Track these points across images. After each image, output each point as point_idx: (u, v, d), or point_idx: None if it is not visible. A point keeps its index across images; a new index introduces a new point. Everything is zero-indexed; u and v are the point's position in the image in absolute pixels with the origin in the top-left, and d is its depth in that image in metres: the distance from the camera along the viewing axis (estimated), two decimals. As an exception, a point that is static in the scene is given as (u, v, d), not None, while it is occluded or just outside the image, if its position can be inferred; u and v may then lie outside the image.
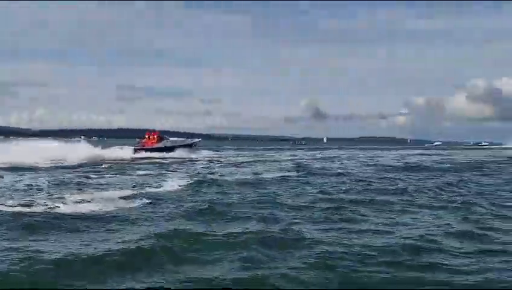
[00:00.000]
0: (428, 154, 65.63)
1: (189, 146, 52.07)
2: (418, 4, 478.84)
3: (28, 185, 18.68)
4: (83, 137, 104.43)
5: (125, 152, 45.95)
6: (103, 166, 31.32)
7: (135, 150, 47.79)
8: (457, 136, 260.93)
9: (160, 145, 49.73)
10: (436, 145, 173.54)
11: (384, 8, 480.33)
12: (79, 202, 13.97)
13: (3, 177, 21.56)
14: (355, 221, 11.74)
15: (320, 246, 8.89)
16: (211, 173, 26.45)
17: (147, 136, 51.42)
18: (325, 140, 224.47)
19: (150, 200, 14.47)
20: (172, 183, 19.88)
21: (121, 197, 15.20)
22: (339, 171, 29.07)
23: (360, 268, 7.64)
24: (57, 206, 12.96)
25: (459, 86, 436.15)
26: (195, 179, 22.02)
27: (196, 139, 57.80)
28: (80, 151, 40.22)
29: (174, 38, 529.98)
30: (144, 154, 46.21)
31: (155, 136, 50.94)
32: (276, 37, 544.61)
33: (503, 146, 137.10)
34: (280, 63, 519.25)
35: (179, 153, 47.20)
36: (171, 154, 46.70)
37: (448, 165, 38.15)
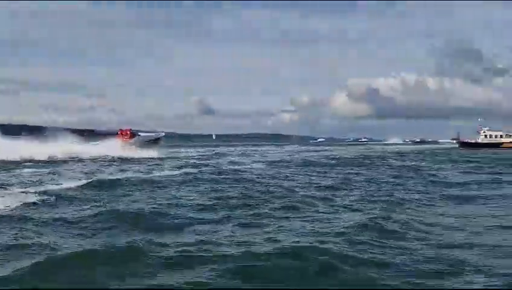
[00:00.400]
0: (317, 150, 68.87)
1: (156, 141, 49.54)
2: (302, 4, 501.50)
3: None
4: None
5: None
6: None
7: None
8: (339, 133, 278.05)
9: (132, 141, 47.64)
10: (319, 141, 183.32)
11: (268, 9, 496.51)
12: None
13: None
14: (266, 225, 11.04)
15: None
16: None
17: (119, 133, 48.53)
18: (213, 136, 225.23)
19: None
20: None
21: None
22: (236, 167, 28.68)
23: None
24: None
25: (340, 86, 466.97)
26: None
27: (162, 133, 53.74)
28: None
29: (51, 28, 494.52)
30: None
31: (128, 133, 48.44)
32: (167, 33, 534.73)
33: (384, 142, 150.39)
34: (169, 60, 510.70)
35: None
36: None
37: (337, 160, 39.96)
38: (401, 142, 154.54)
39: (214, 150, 61.33)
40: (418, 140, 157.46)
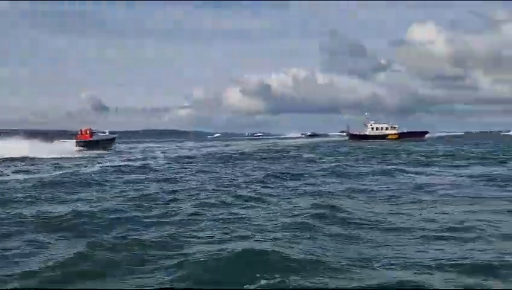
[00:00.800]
0: (216, 146, 69.97)
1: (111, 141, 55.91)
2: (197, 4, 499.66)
3: None
4: None
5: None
6: None
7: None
8: (234, 128, 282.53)
9: (92, 139, 52.99)
10: (216, 136, 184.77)
11: (171, 7, 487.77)
12: None
13: None
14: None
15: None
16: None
17: (80, 132, 54.35)
18: (107, 133, 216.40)
19: None
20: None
21: None
22: (145, 162, 28.63)
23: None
24: None
25: (234, 81, 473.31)
26: None
27: (114, 135, 60.40)
28: None
29: None
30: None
31: (87, 131, 53.77)
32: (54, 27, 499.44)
33: (283, 136, 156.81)
34: (58, 54, 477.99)
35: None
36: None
37: (246, 154, 41.37)
38: (299, 135, 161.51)
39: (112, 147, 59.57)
40: (310, 133, 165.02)
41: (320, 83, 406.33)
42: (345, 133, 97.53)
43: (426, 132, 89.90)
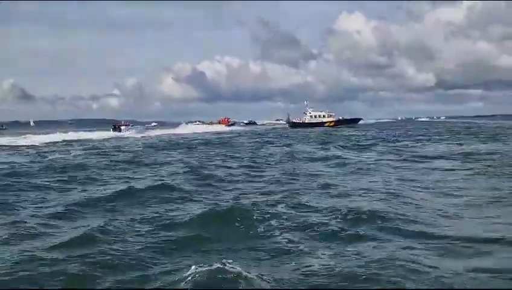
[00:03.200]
0: (163, 133, 71.96)
1: None
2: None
3: None
4: None
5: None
6: None
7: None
8: (168, 117, 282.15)
9: None
10: (153, 125, 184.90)
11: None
12: None
13: None
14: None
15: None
16: None
17: None
18: (32, 123, 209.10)
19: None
20: None
21: None
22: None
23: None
24: None
25: (167, 69, 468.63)
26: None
27: None
28: None
29: None
30: None
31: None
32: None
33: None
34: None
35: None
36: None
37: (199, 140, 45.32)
38: (246, 122, 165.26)
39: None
40: (247, 122, 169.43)
41: (253, 71, 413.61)
42: (281, 121, 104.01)
43: (359, 119, 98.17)
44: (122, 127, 72.36)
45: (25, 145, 40.49)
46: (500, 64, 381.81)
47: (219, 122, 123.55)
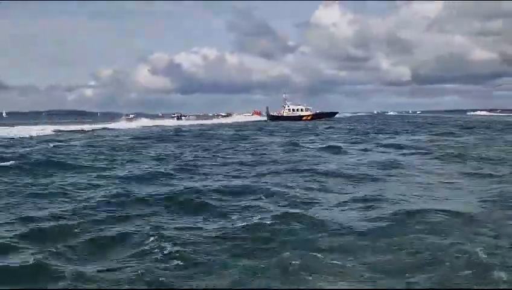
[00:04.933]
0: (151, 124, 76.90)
1: None
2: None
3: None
4: None
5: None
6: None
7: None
8: (146, 108, 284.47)
9: None
10: (132, 117, 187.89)
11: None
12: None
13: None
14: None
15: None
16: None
17: None
18: (4, 114, 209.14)
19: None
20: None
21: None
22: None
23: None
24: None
25: (142, 60, 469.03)
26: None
27: None
28: None
29: None
30: None
31: None
32: None
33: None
34: None
35: None
36: None
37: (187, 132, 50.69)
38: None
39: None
40: (225, 114, 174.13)
41: (231, 63, 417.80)
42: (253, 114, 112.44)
43: (336, 113, 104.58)
44: (183, 117, 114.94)
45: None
46: (475, 59, 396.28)
47: (252, 114, 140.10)
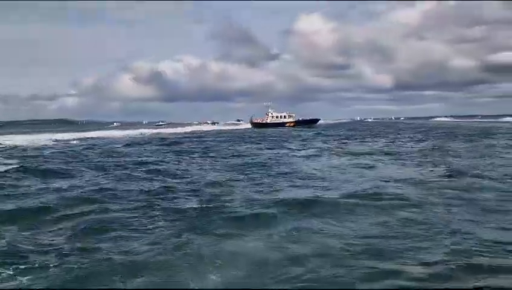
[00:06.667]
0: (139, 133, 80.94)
1: None
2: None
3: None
4: None
5: None
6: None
7: None
8: (129, 117, 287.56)
9: None
10: (116, 126, 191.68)
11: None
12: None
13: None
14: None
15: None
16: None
17: None
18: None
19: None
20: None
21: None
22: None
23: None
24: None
25: (125, 69, 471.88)
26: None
27: None
28: None
29: None
30: None
31: None
32: None
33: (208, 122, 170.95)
34: None
35: None
36: None
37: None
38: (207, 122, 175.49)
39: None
40: (210, 122, 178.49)
41: (214, 71, 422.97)
42: (241, 121, 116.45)
43: (318, 120, 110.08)
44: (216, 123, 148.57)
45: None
46: (455, 66, 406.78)
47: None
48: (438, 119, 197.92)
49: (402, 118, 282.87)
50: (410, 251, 8.37)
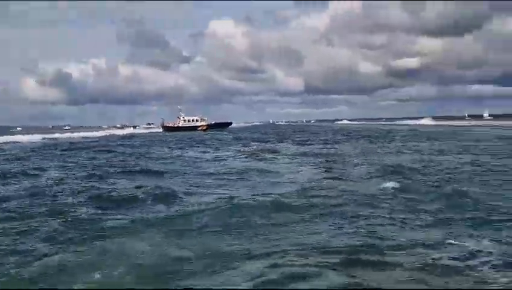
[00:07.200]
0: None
1: None
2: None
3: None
4: None
5: None
6: None
7: None
8: (34, 121, 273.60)
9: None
10: (18, 130, 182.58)
11: None
12: None
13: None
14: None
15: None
16: None
17: None
18: None
19: None
20: None
21: None
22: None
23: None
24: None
25: (28, 71, 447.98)
26: None
27: None
28: None
29: None
30: None
31: None
32: None
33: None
34: None
35: None
36: None
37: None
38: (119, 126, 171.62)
39: None
40: (119, 126, 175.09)
41: (124, 73, 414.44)
42: (152, 125, 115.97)
43: (230, 123, 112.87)
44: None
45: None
46: (361, 71, 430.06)
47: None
48: (342, 122, 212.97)
49: (313, 121, 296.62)
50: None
